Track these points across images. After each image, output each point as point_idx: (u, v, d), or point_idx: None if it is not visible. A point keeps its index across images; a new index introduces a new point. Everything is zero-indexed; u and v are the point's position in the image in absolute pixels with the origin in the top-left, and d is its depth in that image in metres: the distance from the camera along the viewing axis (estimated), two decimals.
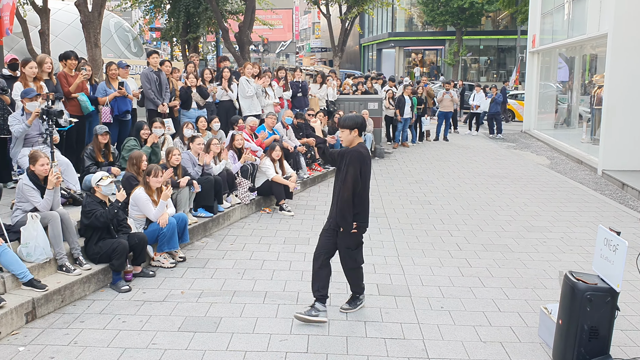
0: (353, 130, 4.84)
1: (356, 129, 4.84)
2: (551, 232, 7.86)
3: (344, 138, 4.87)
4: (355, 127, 4.84)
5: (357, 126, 4.85)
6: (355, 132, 4.86)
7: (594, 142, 14.05)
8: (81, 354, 4.39)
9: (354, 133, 4.85)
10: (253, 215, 8.62)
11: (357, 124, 4.85)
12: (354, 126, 4.83)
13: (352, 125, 4.83)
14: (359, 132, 4.89)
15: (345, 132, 4.85)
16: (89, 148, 7.37)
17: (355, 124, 4.84)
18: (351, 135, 4.85)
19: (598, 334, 4.14)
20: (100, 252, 5.68)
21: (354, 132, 4.85)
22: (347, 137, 4.87)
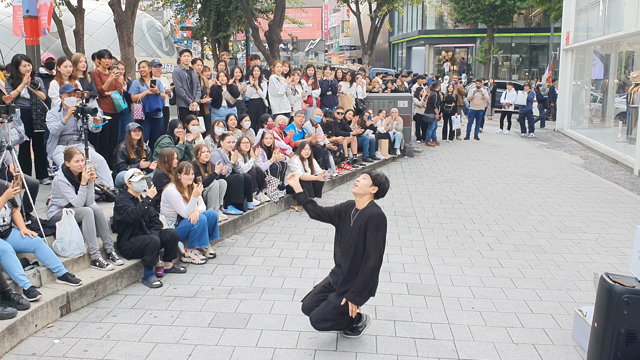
0: (374, 186, 4.37)
1: (377, 187, 4.37)
2: (585, 233, 7.70)
3: (360, 184, 4.40)
4: (377, 185, 4.37)
5: (379, 185, 4.37)
6: (375, 190, 4.38)
7: (630, 141, 13.70)
8: (113, 348, 4.46)
9: (373, 189, 4.38)
10: (282, 213, 8.65)
11: (381, 184, 4.38)
12: (377, 184, 4.37)
13: (376, 182, 4.38)
14: (377, 194, 4.42)
15: (366, 180, 4.38)
16: (121, 146, 7.49)
17: (380, 183, 4.38)
18: (369, 188, 4.37)
19: (635, 338, 4.02)
20: (133, 248, 5.77)
21: (373, 189, 4.38)
22: (364, 186, 4.38)
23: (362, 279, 4.24)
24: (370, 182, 4.36)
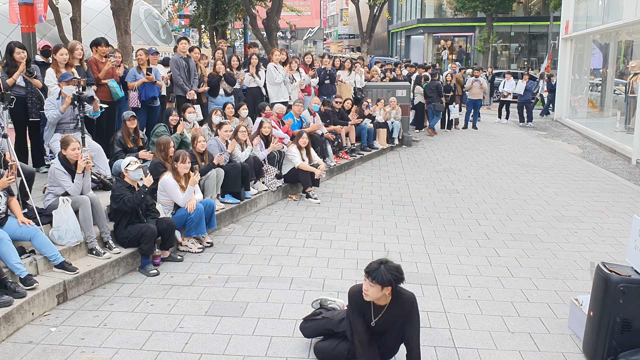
0: (387, 288, 3.62)
1: (390, 287, 3.63)
2: (582, 223, 7.71)
3: (370, 293, 3.64)
4: (389, 285, 3.61)
5: (390, 283, 3.60)
6: (389, 290, 3.63)
7: (628, 130, 13.70)
8: (110, 336, 4.47)
9: (386, 290, 3.62)
10: (280, 202, 8.64)
11: (392, 281, 3.60)
12: (389, 284, 3.59)
13: (387, 283, 3.58)
14: (394, 290, 3.68)
15: (374, 288, 3.60)
16: (118, 134, 7.45)
17: (390, 281, 3.58)
18: (382, 293, 3.63)
19: (631, 327, 4.04)
20: (130, 237, 5.77)
21: (386, 290, 3.62)
22: (375, 294, 3.63)
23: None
24: (380, 288, 3.59)
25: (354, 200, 8.80)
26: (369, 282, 3.61)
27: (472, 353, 4.32)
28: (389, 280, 3.57)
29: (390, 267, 3.60)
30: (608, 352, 4.07)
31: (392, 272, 3.59)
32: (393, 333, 3.83)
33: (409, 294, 3.75)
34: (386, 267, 3.60)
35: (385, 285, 3.58)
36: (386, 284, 3.57)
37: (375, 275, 3.58)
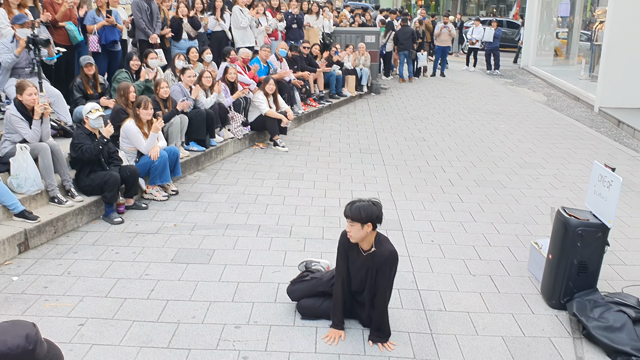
0: (366, 224, 3.62)
1: (370, 223, 3.62)
2: (544, 169, 7.87)
3: (353, 234, 3.67)
4: (369, 221, 3.61)
5: (371, 219, 3.61)
6: (369, 227, 3.63)
7: (592, 78, 13.88)
8: (74, 284, 4.43)
9: (367, 228, 3.63)
10: (246, 150, 8.56)
11: (372, 216, 3.61)
12: (367, 220, 3.60)
13: (365, 219, 3.59)
14: (374, 226, 3.67)
15: (355, 226, 3.63)
16: (77, 80, 7.19)
17: (370, 216, 3.59)
18: (363, 231, 3.64)
19: (587, 269, 4.19)
20: (92, 184, 5.65)
21: (367, 227, 3.63)
22: (357, 232, 3.64)
23: (382, 317, 3.80)
24: (360, 225, 3.61)
25: (322, 149, 8.77)
26: (349, 222, 3.66)
27: (434, 295, 4.44)
28: (365, 217, 3.59)
29: (364, 205, 3.63)
30: (565, 292, 4.23)
31: (366, 208, 3.61)
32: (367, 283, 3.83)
33: (391, 249, 3.74)
34: (361, 204, 3.64)
35: (362, 222, 3.60)
36: (363, 221, 3.59)
37: (350, 212, 3.63)
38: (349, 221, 3.66)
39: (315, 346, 3.73)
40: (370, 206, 3.63)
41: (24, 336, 1.73)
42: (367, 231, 3.66)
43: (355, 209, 3.62)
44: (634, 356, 3.59)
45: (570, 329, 4.02)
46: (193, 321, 3.97)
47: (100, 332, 3.80)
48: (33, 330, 1.77)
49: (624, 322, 3.83)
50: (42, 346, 1.78)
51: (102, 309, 4.09)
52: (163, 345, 3.69)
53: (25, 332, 1.74)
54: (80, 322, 3.92)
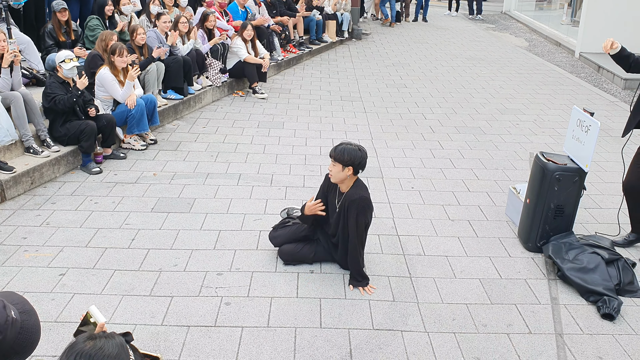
0: (347, 167, 3.69)
1: (351, 166, 3.70)
2: (524, 115, 7.89)
3: (333, 174, 3.75)
4: (350, 165, 3.68)
5: (353, 164, 3.69)
6: (350, 171, 3.70)
7: (573, 24, 13.77)
8: (54, 235, 4.40)
9: (347, 171, 3.70)
10: (225, 98, 8.43)
11: (355, 161, 3.68)
12: (350, 163, 3.67)
13: (347, 162, 3.67)
14: (355, 171, 3.74)
15: (336, 167, 3.71)
16: (48, 26, 6.93)
17: (352, 160, 3.67)
18: (343, 173, 3.71)
19: (563, 212, 4.26)
20: (68, 134, 5.54)
21: (347, 170, 3.70)
22: (337, 173, 3.73)
23: (353, 263, 3.86)
24: (341, 167, 3.70)
25: (302, 96, 8.67)
26: (332, 162, 3.75)
27: (413, 240, 4.50)
28: (347, 160, 3.67)
29: (349, 148, 3.71)
30: (541, 236, 4.31)
31: (350, 152, 3.69)
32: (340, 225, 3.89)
33: (362, 194, 3.75)
34: (346, 146, 3.72)
35: (344, 164, 3.68)
36: (345, 163, 3.68)
37: (334, 152, 3.72)
38: (332, 160, 3.75)
39: (297, 291, 3.79)
40: (354, 150, 3.71)
41: None
42: (347, 174, 3.73)
43: (340, 150, 3.71)
44: (605, 295, 3.71)
45: (546, 271, 4.13)
46: (175, 269, 3.99)
47: (81, 282, 3.81)
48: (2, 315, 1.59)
49: (597, 263, 3.94)
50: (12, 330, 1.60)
51: (82, 258, 4.09)
52: (145, 293, 3.72)
53: None
54: (61, 272, 3.92)
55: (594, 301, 3.75)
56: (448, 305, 3.69)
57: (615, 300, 3.67)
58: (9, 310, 1.62)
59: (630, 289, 3.87)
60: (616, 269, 3.92)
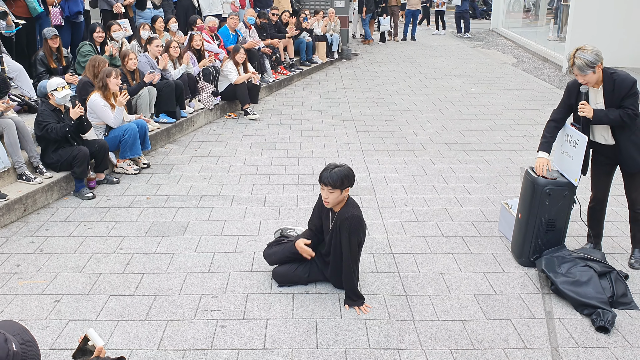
0: (345, 189, 3.77)
1: (349, 187, 3.79)
2: (514, 130, 7.97)
3: (330, 200, 3.76)
4: (348, 186, 3.77)
5: (350, 184, 3.78)
6: (347, 191, 3.80)
7: (560, 39, 13.98)
8: (48, 261, 4.39)
9: (345, 192, 3.79)
10: (218, 120, 8.48)
11: (351, 181, 3.78)
12: (347, 184, 3.75)
13: (345, 185, 3.74)
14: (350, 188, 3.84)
15: (334, 193, 3.72)
16: (40, 53, 6.98)
17: (349, 181, 3.76)
18: (342, 196, 3.78)
19: (555, 226, 4.30)
20: (61, 160, 5.55)
21: (345, 192, 3.79)
22: (335, 199, 3.76)
23: (347, 282, 3.87)
24: (339, 192, 3.73)
25: (294, 117, 8.73)
26: (328, 189, 3.72)
27: (407, 257, 4.52)
28: (346, 183, 3.72)
29: (342, 171, 3.72)
30: (534, 250, 4.34)
31: (346, 174, 3.72)
32: (333, 244, 3.91)
33: (354, 213, 3.78)
34: (339, 170, 3.72)
35: (342, 188, 3.71)
36: (344, 187, 3.72)
37: (331, 180, 3.69)
38: (328, 189, 3.70)
39: (293, 312, 3.79)
40: (347, 170, 3.75)
41: None
42: (344, 195, 3.80)
43: (335, 177, 3.68)
44: (599, 308, 3.73)
45: (540, 285, 4.15)
46: (170, 293, 3.99)
47: (76, 308, 3.79)
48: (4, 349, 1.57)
49: (590, 276, 3.96)
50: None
51: (77, 284, 4.07)
52: (140, 318, 3.70)
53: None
54: (56, 298, 3.90)
55: (588, 314, 3.76)
56: (444, 322, 3.70)
57: (609, 312, 3.69)
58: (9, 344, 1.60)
59: (624, 301, 3.89)
60: (609, 281, 3.95)
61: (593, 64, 3.92)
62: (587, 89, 4.13)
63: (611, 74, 4.03)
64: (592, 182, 4.49)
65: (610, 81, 4.02)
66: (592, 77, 3.99)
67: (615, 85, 4.00)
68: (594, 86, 4.11)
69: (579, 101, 4.15)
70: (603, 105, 4.09)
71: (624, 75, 4.02)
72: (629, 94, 3.98)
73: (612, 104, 4.04)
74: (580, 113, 4.09)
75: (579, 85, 4.18)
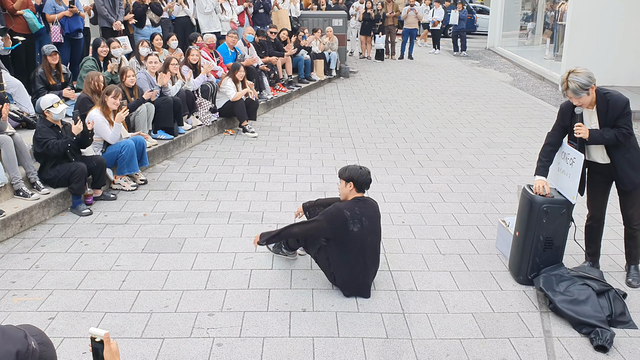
0: (348, 183, 4.16)
1: (351, 182, 4.15)
2: (511, 148, 8.00)
3: (340, 190, 4.29)
4: (350, 181, 4.15)
5: (352, 179, 4.15)
6: (351, 186, 4.16)
7: (556, 58, 14.09)
8: (43, 278, 4.37)
9: (349, 186, 4.16)
10: (216, 137, 8.49)
11: (353, 177, 4.15)
12: (349, 179, 4.15)
13: (347, 177, 4.16)
14: (356, 187, 4.17)
15: (341, 183, 4.23)
16: (39, 70, 7.02)
17: (351, 176, 4.15)
18: (346, 189, 4.19)
19: (552, 245, 4.29)
20: (58, 176, 5.54)
21: (349, 185, 4.16)
22: (342, 189, 4.25)
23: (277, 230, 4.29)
24: (344, 183, 4.18)
25: (292, 133, 8.76)
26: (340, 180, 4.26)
27: (405, 275, 4.50)
28: (347, 176, 4.16)
29: (351, 166, 4.23)
30: (532, 268, 4.33)
31: (351, 169, 4.19)
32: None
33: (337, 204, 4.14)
34: (350, 165, 4.25)
35: (346, 179, 4.17)
36: (345, 178, 4.18)
37: (339, 171, 4.26)
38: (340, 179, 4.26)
39: (289, 330, 3.76)
40: (355, 168, 4.19)
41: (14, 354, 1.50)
42: (348, 190, 4.18)
43: (343, 168, 4.25)
44: (598, 327, 3.71)
45: (538, 304, 4.13)
46: (166, 310, 3.96)
47: (71, 325, 3.76)
48: (24, 344, 1.55)
49: (588, 295, 3.95)
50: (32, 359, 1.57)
51: (72, 301, 4.04)
52: (136, 335, 3.67)
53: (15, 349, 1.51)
54: (51, 315, 3.87)
55: (587, 333, 3.74)
56: (441, 341, 3.68)
57: (607, 331, 3.67)
58: (29, 340, 1.60)
59: (622, 319, 3.88)
60: (607, 300, 3.93)
61: (587, 86, 3.96)
62: (582, 111, 4.15)
63: (604, 94, 4.06)
64: (589, 201, 4.50)
65: (604, 101, 4.05)
66: (586, 99, 4.03)
67: (609, 105, 4.04)
68: (588, 107, 4.13)
69: (574, 122, 4.17)
70: (597, 126, 4.12)
71: (617, 95, 4.06)
72: (623, 113, 4.02)
73: (607, 124, 4.07)
74: (576, 134, 4.11)
75: (573, 106, 4.21)
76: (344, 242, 4.08)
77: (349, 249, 4.09)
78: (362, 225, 4.07)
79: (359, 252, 4.10)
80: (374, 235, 4.20)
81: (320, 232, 4.12)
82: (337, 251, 4.13)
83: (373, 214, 4.21)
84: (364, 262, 4.12)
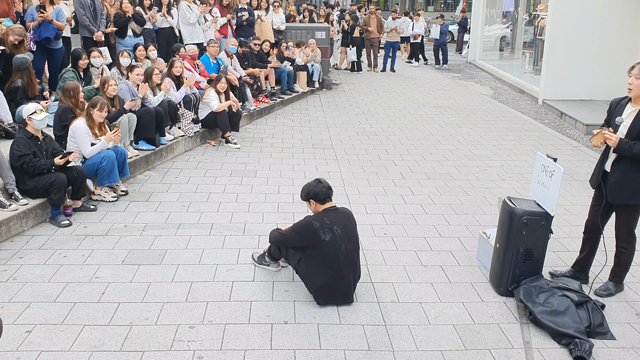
0: (309, 201, 4.32)
1: (311, 199, 4.30)
2: (492, 160, 8.09)
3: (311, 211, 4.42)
4: (309, 198, 4.31)
5: (310, 196, 4.30)
6: (313, 203, 4.31)
7: (536, 72, 14.31)
8: (21, 290, 4.29)
9: (312, 204, 4.31)
10: (198, 148, 8.46)
11: (310, 194, 4.28)
12: (307, 197, 4.31)
13: (305, 196, 4.33)
14: (318, 200, 4.27)
15: (307, 205, 4.41)
16: (18, 80, 6.94)
17: (308, 194, 4.30)
18: (312, 207, 4.34)
19: (532, 256, 4.34)
20: (37, 187, 5.47)
21: (312, 203, 4.31)
22: (311, 209, 4.40)
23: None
24: (307, 204, 4.37)
25: (274, 145, 8.76)
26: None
27: (387, 287, 4.51)
28: (304, 195, 4.34)
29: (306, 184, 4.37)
30: (512, 280, 4.37)
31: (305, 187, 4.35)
32: None
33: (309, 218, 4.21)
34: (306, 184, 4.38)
35: (303, 199, 4.36)
36: (304, 198, 4.36)
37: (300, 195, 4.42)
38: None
39: (271, 343, 3.74)
40: (307, 185, 4.34)
41: None
42: (314, 206, 4.31)
43: (301, 190, 4.38)
44: (577, 338, 3.75)
45: (518, 315, 4.16)
46: (146, 323, 3.91)
47: (49, 338, 3.70)
48: None
49: (567, 306, 4.00)
50: None
51: (50, 314, 3.98)
52: (115, 348, 3.62)
53: None
54: (28, 328, 3.80)
55: (566, 344, 3.78)
56: (423, 353, 3.68)
57: (586, 342, 3.71)
58: None
59: (601, 330, 3.92)
60: (586, 311, 3.98)
61: None
62: (622, 121, 4.16)
63: None
64: (589, 211, 4.55)
65: None
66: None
67: None
68: (634, 103, 4.13)
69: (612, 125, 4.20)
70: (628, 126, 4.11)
71: None
72: None
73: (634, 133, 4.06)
74: (607, 141, 4.13)
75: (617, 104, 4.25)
76: (319, 251, 4.12)
77: (324, 258, 4.12)
78: (333, 234, 4.11)
79: (334, 260, 4.11)
80: (349, 244, 4.20)
81: (291, 242, 4.30)
82: (312, 261, 4.16)
83: (345, 222, 4.24)
84: (338, 270, 4.12)
